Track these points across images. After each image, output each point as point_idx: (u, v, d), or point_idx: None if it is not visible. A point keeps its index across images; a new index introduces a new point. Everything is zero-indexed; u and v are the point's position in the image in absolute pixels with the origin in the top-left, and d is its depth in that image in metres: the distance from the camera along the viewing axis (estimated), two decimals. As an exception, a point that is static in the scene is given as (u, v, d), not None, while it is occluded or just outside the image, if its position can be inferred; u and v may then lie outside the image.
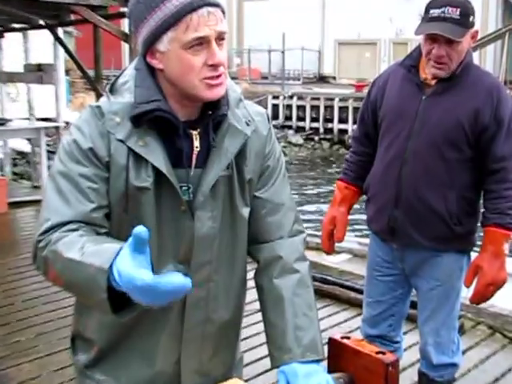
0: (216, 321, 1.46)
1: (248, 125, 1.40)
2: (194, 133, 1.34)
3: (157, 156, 1.29)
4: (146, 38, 1.28)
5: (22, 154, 12.36)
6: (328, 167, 17.11)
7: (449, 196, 2.27)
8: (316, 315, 1.45)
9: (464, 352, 3.61)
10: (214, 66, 1.27)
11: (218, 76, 1.29)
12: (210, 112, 1.34)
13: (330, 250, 2.67)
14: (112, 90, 1.35)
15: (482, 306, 4.03)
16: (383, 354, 1.41)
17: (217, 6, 1.26)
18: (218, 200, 1.38)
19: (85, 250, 1.19)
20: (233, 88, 1.42)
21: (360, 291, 4.36)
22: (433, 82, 2.27)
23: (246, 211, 1.44)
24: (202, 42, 1.25)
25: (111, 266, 1.12)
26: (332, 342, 1.49)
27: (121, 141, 1.29)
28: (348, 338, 1.49)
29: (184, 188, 1.33)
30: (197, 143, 1.35)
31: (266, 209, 1.47)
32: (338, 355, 1.47)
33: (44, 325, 4.03)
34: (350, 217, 2.64)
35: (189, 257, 1.37)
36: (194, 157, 1.34)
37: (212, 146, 1.35)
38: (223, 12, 1.28)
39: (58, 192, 1.29)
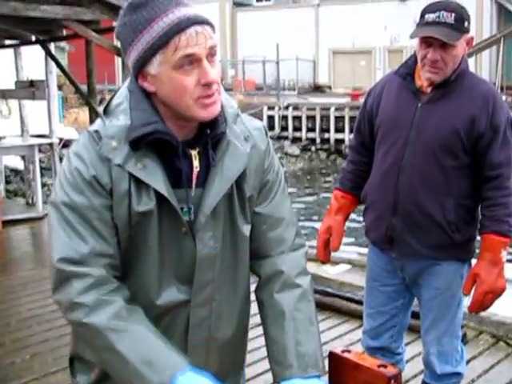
0: (219, 339, 1.45)
1: (246, 141, 1.39)
2: (194, 152, 1.33)
3: (157, 178, 1.28)
4: (135, 62, 1.27)
5: (15, 172, 12.36)
6: (325, 177, 17.16)
7: (446, 204, 2.27)
8: (317, 329, 1.45)
9: (467, 362, 3.59)
10: (207, 85, 1.26)
11: (212, 94, 1.28)
12: (209, 131, 1.33)
13: (326, 259, 2.67)
14: (106, 112, 1.33)
15: (485, 314, 4.02)
16: (385, 367, 1.40)
17: (204, 23, 1.25)
18: (219, 219, 1.37)
19: (138, 349, 1.22)
20: (229, 104, 1.41)
21: (360, 302, 4.34)
22: (428, 90, 2.27)
23: (247, 228, 1.43)
24: (192, 61, 1.24)
25: None
26: (332, 356, 1.48)
27: (119, 165, 1.27)
28: (349, 351, 1.48)
29: (185, 209, 1.33)
30: (196, 163, 1.33)
31: (267, 224, 1.46)
32: (339, 369, 1.45)
33: (39, 345, 4.00)
34: (349, 226, 2.63)
35: (191, 277, 1.36)
36: (194, 177, 1.33)
37: (212, 166, 1.34)
38: (212, 27, 1.27)
39: (68, 226, 1.28)
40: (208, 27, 1.25)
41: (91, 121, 7.58)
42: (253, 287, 1.51)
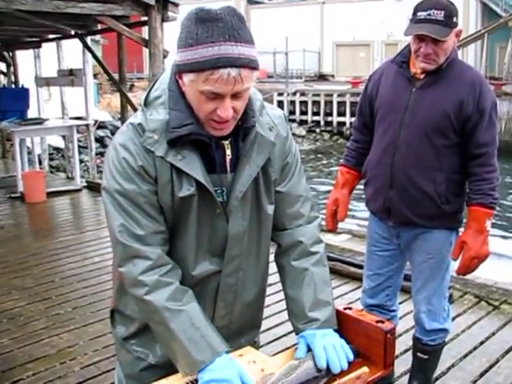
0: (243, 301, 1.46)
1: (271, 130, 1.38)
2: (226, 143, 1.32)
3: (195, 167, 1.27)
4: (177, 64, 1.24)
5: (57, 150, 12.40)
6: (328, 155, 17.08)
7: (437, 178, 2.25)
8: (331, 290, 1.46)
9: (453, 319, 3.59)
10: (221, 118, 1.24)
11: (223, 123, 1.26)
12: (240, 123, 1.31)
13: (334, 228, 2.66)
14: (146, 104, 1.31)
15: (469, 277, 4.01)
16: (382, 322, 1.40)
17: (243, 67, 1.17)
18: (247, 201, 1.37)
19: (188, 330, 1.24)
20: (257, 96, 1.38)
21: (359, 266, 4.35)
22: (421, 76, 2.25)
23: (270, 208, 1.43)
24: (215, 96, 1.21)
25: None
26: (336, 312, 1.47)
27: (161, 157, 1.26)
28: (350, 308, 1.47)
29: (218, 191, 1.32)
30: (228, 152, 1.33)
31: (286, 201, 1.46)
32: (341, 324, 1.45)
33: (79, 300, 4.05)
34: (351, 204, 2.63)
35: (221, 251, 1.37)
36: (227, 164, 1.33)
37: (243, 156, 1.33)
38: (253, 68, 1.20)
39: (123, 211, 1.28)
40: (245, 70, 1.18)
41: (122, 105, 7.57)
42: (271, 256, 1.52)
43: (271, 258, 1.53)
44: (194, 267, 1.35)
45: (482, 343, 3.27)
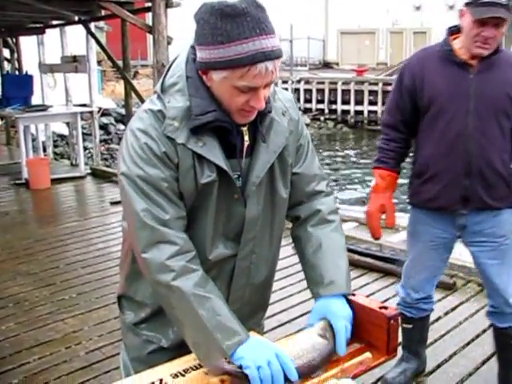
0: (255, 283, 1.47)
1: (284, 115, 1.39)
2: (244, 129, 1.33)
3: (216, 154, 1.27)
4: (202, 62, 1.22)
5: (61, 137, 12.39)
6: (332, 143, 17.05)
7: (506, 159, 2.32)
8: (347, 257, 1.48)
9: (456, 307, 3.62)
10: (254, 108, 1.25)
11: (254, 112, 1.28)
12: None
13: (380, 236, 2.56)
14: (163, 91, 1.30)
15: (472, 266, 4.01)
16: (386, 308, 1.40)
17: (277, 58, 1.19)
18: (262, 185, 1.37)
19: (215, 316, 1.24)
20: None
21: (362, 254, 4.36)
22: (473, 62, 2.25)
23: (285, 192, 1.44)
24: (250, 90, 1.21)
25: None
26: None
27: (182, 144, 1.26)
28: (353, 295, 1.47)
29: (235, 176, 1.33)
30: (246, 137, 1.33)
31: (303, 181, 1.48)
32: (345, 310, 1.45)
33: (84, 286, 4.07)
34: (357, 191, 2.60)
35: (236, 235, 1.38)
36: (245, 149, 1.34)
37: (260, 141, 1.34)
38: (280, 58, 1.21)
39: (146, 196, 1.27)
40: (277, 61, 1.20)
41: (126, 92, 7.55)
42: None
43: (283, 242, 1.54)
44: (211, 251, 1.36)
45: (484, 331, 3.27)
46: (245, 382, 1.19)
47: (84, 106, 8.79)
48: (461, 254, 4.38)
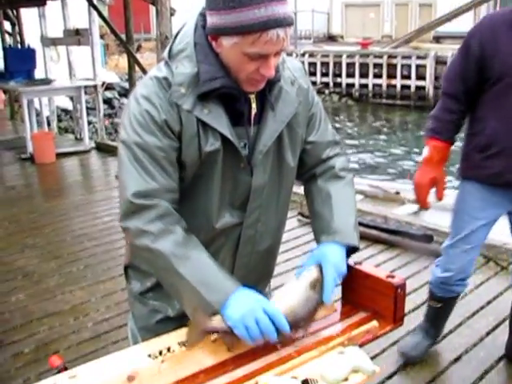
0: (260, 251, 1.47)
1: (293, 84, 1.37)
2: (252, 96, 1.30)
3: (221, 122, 1.26)
4: (213, 27, 1.20)
5: (65, 111, 12.34)
6: (337, 116, 16.94)
7: None
8: (356, 212, 1.47)
9: (461, 278, 3.62)
10: (264, 76, 1.23)
11: (264, 80, 1.26)
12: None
13: (428, 207, 2.50)
14: (170, 57, 1.28)
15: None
16: (392, 277, 1.39)
17: (288, 25, 1.17)
18: (269, 154, 1.36)
19: (197, 272, 1.23)
20: None
21: (368, 226, 4.36)
22: None
23: (294, 161, 1.42)
24: (261, 57, 1.19)
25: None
26: (346, 267, 1.47)
27: (188, 111, 1.24)
28: (360, 263, 1.47)
29: (242, 145, 1.31)
30: (254, 105, 1.31)
31: (318, 149, 1.48)
32: (351, 279, 1.45)
33: (90, 258, 4.10)
34: (363, 164, 2.56)
35: (242, 204, 1.37)
36: (253, 117, 1.32)
37: (269, 110, 1.32)
38: (292, 25, 1.19)
39: (139, 164, 1.25)
40: (289, 29, 1.18)
41: (130, 66, 7.48)
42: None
43: (289, 214, 1.54)
44: (217, 220, 1.35)
45: (489, 303, 3.29)
46: (236, 337, 1.20)
47: (88, 80, 8.71)
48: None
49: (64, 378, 1.17)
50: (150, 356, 1.23)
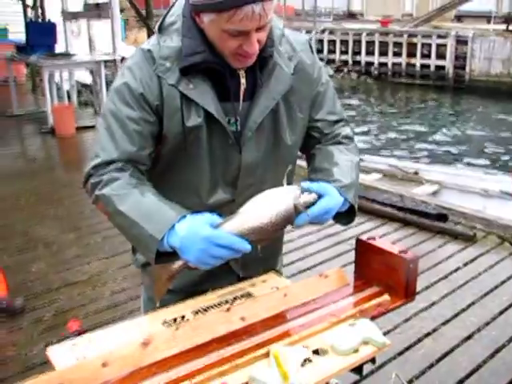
0: None
1: (290, 60, 1.32)
2: (241, 72, 1.26)
3: (205, 97, 1.22)
4: (192, 3, 1.17)
5: (85, 86, 12.36)
6: (355, 95, 16.74)
7: None
8: (358, 173, 1.38)
9: (475, 258, 3.60)
10: (247, 52, 1.19)
11: (250, 57, 1.21)
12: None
13: None
14: (161, 29, 1.26)
15: (493, 218, 3.97)
16: (405, 252, 1.39)
17: (265, 0, 1.11)
18: (263, 131, 1.32)
19: (138, 207, 1.18)
20: (277, 25, 1.32)
21: (382, 203, 4.34)
22: None
23: (291, 140, 1.37)
24: (240, 34, 1.15)
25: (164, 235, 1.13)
26: (360, 242, 1.47)
27: (172, 85, 1.22)
28: (374, 238, 1.46)
29: (232, 121, 1.28)
30: (243, 80, 1.26)
31: (326, 127, 1.42)
32: (365, 254, 1.45)
33: (108, 230, 4.12)
34: (381, 143, 2.55)
35: (235, 181, 1.34)
36: (241, 93, 1.27)
37: (259, 86, 1.27)
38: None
39: (108, 131, 1.25)
40: (267, 3, 1.12)
41: (149, 40, 7.45)
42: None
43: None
44: (208, 196, 1.33)
45: (503, 282, 3.27)
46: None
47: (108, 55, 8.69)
48: (485, 208, 4.34)
49: (83, 340, 1.20)
50: (164, 323, 1.26)
